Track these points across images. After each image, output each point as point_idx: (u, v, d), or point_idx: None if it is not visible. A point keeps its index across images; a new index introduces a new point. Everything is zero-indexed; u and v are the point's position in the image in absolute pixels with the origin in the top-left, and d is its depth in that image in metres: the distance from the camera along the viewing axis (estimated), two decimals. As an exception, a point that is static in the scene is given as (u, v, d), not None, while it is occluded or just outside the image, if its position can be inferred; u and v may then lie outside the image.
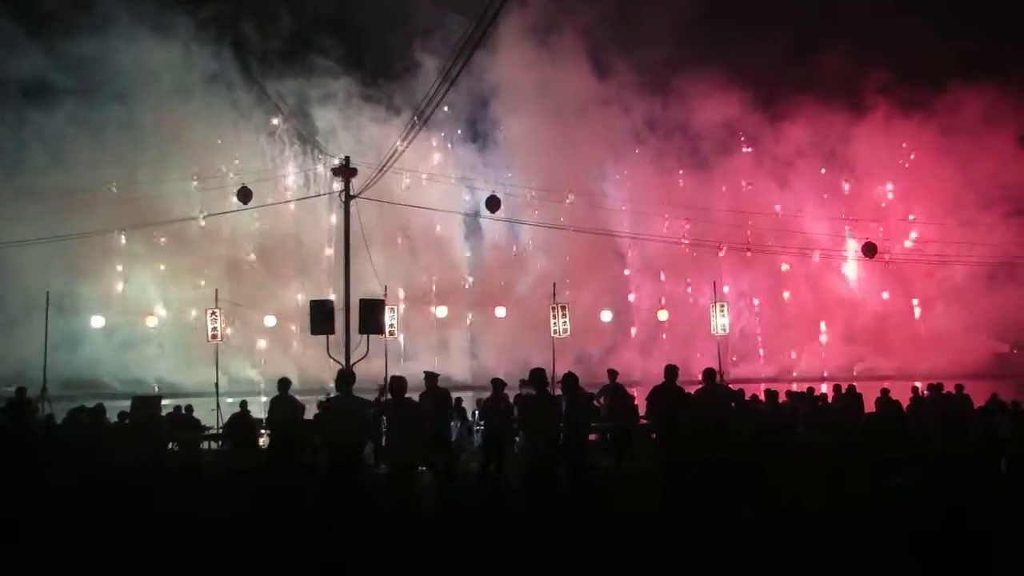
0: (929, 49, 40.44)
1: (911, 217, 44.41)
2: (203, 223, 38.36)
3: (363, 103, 42.80)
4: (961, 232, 38.72)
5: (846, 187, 46.86)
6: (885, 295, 45.41)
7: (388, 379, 11.21)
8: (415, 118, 18.73)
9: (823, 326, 45.16)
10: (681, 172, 45.84)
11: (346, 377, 10.40)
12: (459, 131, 45.59)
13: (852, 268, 44.88)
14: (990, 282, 41.46)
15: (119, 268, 39.95)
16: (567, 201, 38.96)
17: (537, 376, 10.32)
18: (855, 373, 37.48)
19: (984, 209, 42.55)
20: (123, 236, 37.35)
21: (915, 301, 45.21)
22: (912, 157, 45.95)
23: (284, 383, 14.49)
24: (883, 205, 45.90)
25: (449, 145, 45.41)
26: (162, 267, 40.63)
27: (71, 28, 38.11)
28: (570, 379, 10.55)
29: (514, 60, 40.78)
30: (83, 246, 32.31)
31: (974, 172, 43.27)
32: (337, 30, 43.97)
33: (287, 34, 43.35)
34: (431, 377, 12.72)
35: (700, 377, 12.20)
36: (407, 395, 10.48)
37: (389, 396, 10.93)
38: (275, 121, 43.41)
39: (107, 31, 38.26)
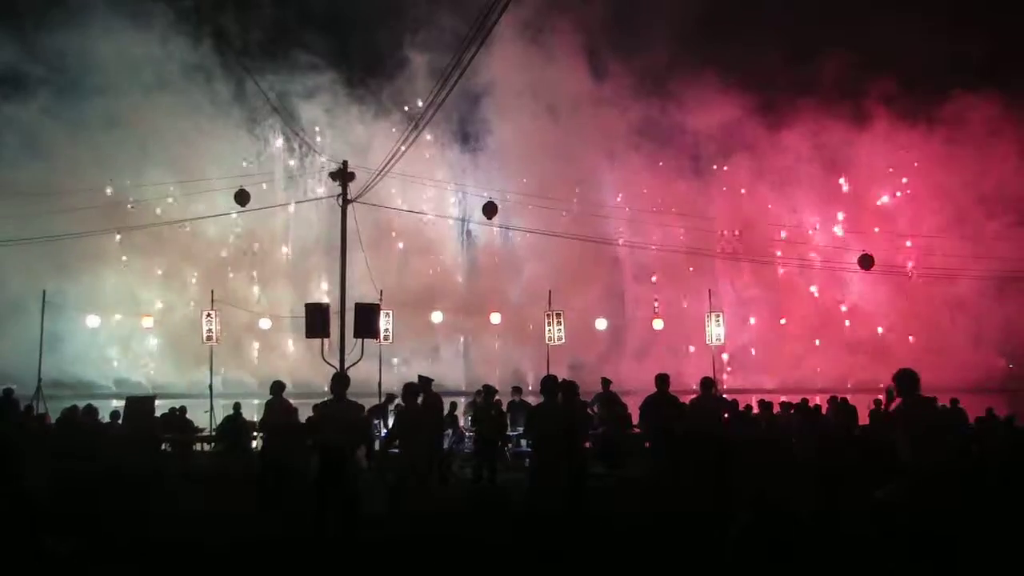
0: (933, 56, 40.30)
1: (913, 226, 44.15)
2: (188, 227, 37.89)
3: (350, 102, 42.54)
4: (967, 244, 38.60)
5: (846, 189, 46.55)
6: (881, 327, 45.09)
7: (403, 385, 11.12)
8: (412, 123, 18.76)
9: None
10: (671, 178, 45.60)
11: (340, 381, 10.42)
12: (452, 133, 45.25)
13: (855, 279, 44.54)
14: (998, 294, 41.11)
15: (104, 268, 39.62)
16: (560, 208, 38.85)
17: (549, 384, 10.29)
18: (849, 385, 37.40)
19: (990, 219, 42.39)
20: (108, 236, 36.92)
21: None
22: (914, 168, 45.75)
23: (278, 386, 14.53)
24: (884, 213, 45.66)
25: (441, 146, 44.96)
26: (146, 267, 40.43)
27: (48, 20, 38.03)
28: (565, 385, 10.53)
29: (510, 63, 40.54)
30: (66, 245, 32.12)
31: (979, 182, 43.12)
32: (322, 24, 43.46)
33: (270, 28, 42.52)
34: (423, 382, 12.69)
35: (693, 387, 12.29)
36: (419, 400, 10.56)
37: (400, 402, 10.98)
38: (270, 122, 42.89)
39: (85, 25, 38.16)
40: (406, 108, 41.77)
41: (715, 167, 46.36)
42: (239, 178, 30.95)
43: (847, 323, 45.34)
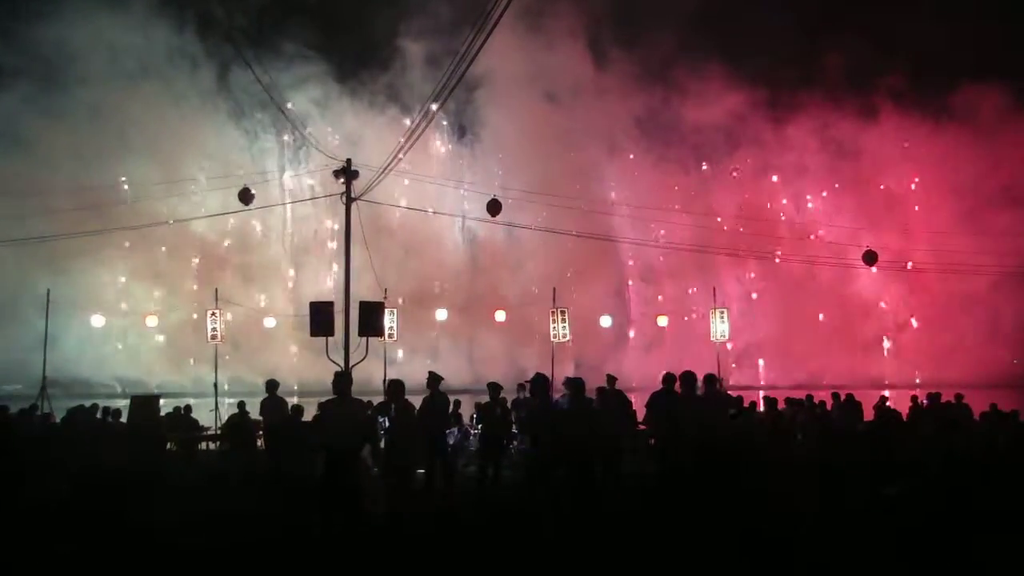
0: (941, 46, 39.98)
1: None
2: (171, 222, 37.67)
3: (342, 93, 42.27)
4: (979, 239, 38.35)
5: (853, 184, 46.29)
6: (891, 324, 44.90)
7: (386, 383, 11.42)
8: (410, 116, 18.83)
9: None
10: (679, 173, 45.41)
11: (344, 379, 10.49)
12: (451, 125, 44.94)
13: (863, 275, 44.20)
14: (1012, 290, 40.70)
15: (97, 266, 39.23)
16: (563, 205, 38.54)
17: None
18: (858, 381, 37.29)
19: (1001, 214, 42.11)
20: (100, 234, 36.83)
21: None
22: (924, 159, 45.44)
23: (272, 384, 14.77)
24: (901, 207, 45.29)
25: (439, 141, 44.64)
26: (138, 265, 40.38)
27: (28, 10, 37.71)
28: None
29: (511, 55, 40.00)
30: (58, 244, 31.82)
31: (989, 176, 42.84)
32: (311, 12, 42.94)
33: (257, 17, 41.32)
34: (433, 379, 12.77)
35: (698, 383, 12.32)
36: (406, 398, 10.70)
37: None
38: (286, 137, 42.49)
39: (65, 14, 37.72)
40: (409, 102, 41.50)
41: (721, 161, 46.13)
42: (239, 178, 30.89)
43: (856, 319, 45.17)
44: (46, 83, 37.77)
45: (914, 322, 44.56)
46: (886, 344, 45.09)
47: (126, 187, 38.91)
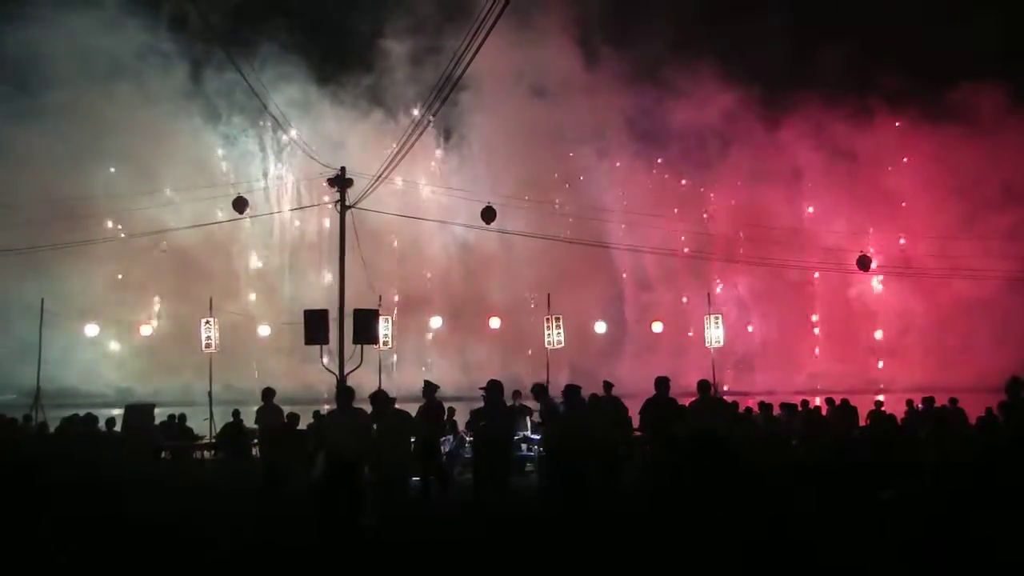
0: (939, 46, 40.03)
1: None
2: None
3: (323, 97, 42.18)
4: (975, 243, 38.42)
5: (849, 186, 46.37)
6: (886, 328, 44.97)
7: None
8: (397, 120, 18.99)
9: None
10: (667, 176, 45.45)
11: (347, 391, 10.72)
12: (439, 129, 44.56)
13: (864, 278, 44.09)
14: (1015, 293, 40.63)
15: (84, 275, 38.43)
16: (554, 211, 38.52)
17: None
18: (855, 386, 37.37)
19: (1000, 216, 42.08)
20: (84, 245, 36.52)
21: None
22: (914, 162, 45.51)
23: (268, 392, 14.94)
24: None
25: (425, 145, 44.38)
26: (121, 274, 40.30)
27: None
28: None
29: (500, 59, 39.85)
30: (37, 253, 31.38)
31: (991, 177, 42.93)
32: (292, 12, 42.92)
33: (234, 17, 40.13)
34: (429, 388, 12.98)
35: (693, 389, 12.53)
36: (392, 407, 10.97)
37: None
38: (237, 120, 42.24)
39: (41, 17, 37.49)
40: (392, 104, 41.42)
41: (715, 165, 46.17)
42: (226, 183, 30.85)
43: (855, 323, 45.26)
44: (20, 87, 37.62)
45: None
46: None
47: (111, 195, 38.67)
